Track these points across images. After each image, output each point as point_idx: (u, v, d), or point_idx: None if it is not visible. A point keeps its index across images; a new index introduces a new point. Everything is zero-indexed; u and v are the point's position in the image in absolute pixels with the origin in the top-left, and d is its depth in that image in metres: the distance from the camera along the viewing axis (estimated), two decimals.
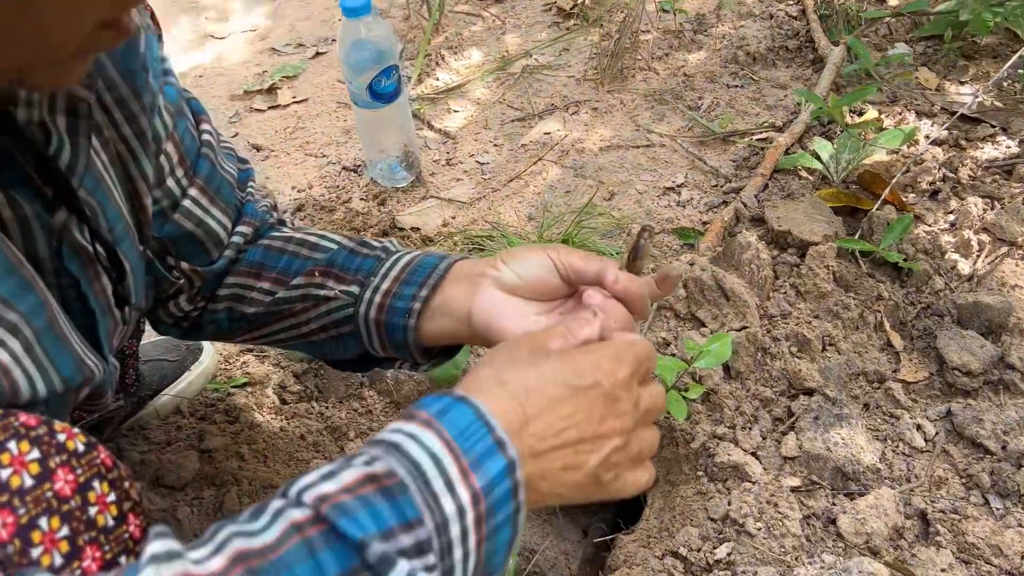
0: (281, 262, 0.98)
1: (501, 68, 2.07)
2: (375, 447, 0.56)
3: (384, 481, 0.52)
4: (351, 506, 0.50)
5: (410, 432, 0.56)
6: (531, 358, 0.65)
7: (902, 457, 1.25)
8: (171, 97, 0.88)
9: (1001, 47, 1.96)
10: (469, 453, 0.56)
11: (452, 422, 0.57)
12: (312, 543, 0.49)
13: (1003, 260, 1.50)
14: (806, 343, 1.35)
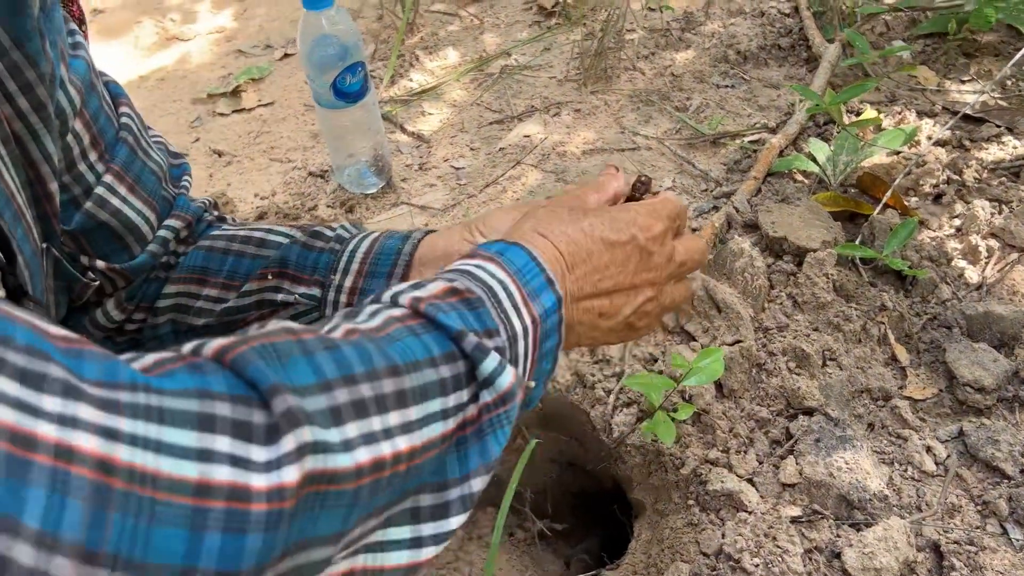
0: (227, 264, 0.87)
1: (478, 68, 1.96)
2: (448, 273, 0.61)
3: (466, 294, 0.58)
4: (445, 307, 0.56)
5: (478, 264, 0.63)
6: (570, 215, 0.70)
7: (911, 483, 1.14)
8: (79, 70, 0.76)
9: (1003, 44, 1.87)
10: (527, 285, 0.63)
11: (511, 261, 0.64)
12: (414, 329, 0.53)
13: (1013, 267, 1.39)
14: (805, 358, 1.24)
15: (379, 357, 0.49)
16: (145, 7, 2.35)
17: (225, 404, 0.40)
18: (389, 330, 0.53)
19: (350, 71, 1.49)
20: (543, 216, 0.70)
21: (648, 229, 0.71)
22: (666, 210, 0.74)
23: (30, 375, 0.35)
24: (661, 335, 0.80)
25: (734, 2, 2.07)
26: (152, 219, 0.85)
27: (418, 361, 0.51)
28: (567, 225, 0.69)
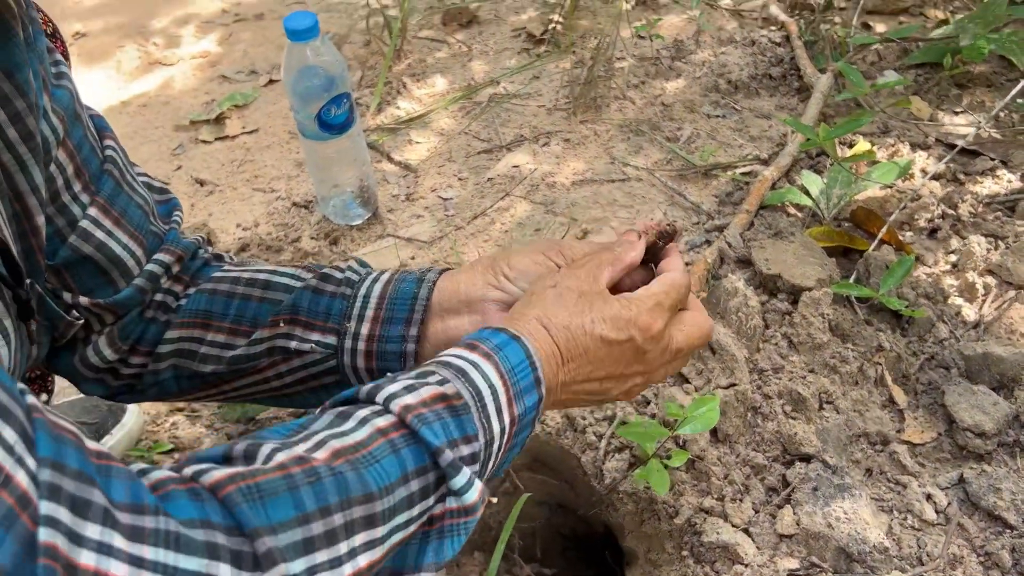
0: (232, 308, 0.85)
1: (467, 97, 1.93)
2: (445, 368, 0.65)
3: (453, 401, 0.63)
4: (430, 418, 0.60)
5: (474, 361, 0.66)
6: (576, 305, 0.73)
7: (912, 532, 1.10)
8: (63, 100, 0.73)
9: (995, 75, 1.85)
10: (516, 385, 0.67)
11: (506, 358, 0.68)
12: (395, 443, 0.59)
13: (1011, 305, 1.37)
14: (801, 401, 1.21)
15: (356, 485, 0.54)
16: (128, 31, 2.31)
17: (223, 535, 0.47)
18: (371, 447, 0.57)
19: (335, 102, 1.45)
20: (550, 303, 0.74)
21: (647, 329, 0.74)
22: (670, 301, 0.77)
23: (79, 503, 0.42)
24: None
25: (724, 31, 2.05)
26: (139, 253, 0.82)
27: (391, 484, 0.57)
28: (571, 317, 0.73)
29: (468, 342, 0.69)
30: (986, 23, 1.42)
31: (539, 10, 2.22)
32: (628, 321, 0.73)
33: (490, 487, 1.09)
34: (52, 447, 0.43)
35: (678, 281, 0.78)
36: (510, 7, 2.25)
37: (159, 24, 2.35)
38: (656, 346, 0.76)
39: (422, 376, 0.64)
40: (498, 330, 0.70)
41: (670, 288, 0.77)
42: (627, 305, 0.74)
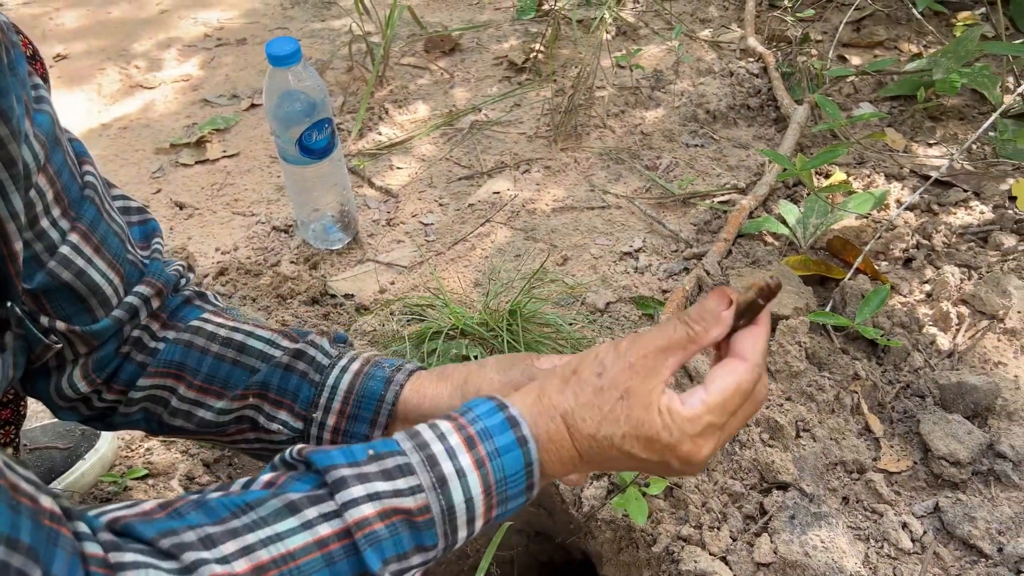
0: (205, 366, 0.86)
1: (448, 123, 1.94)
2: (425, 472, 0.60)
3: (416, 518, 0.59)
4: (381, 535, 0.58)
5: (460, 469, 0.61)
6: (613, 412, 0.64)
7: (888, 560, 1.11)
8: (43, 125, 0.73)
9: (967, 108, 1.89)
10: (501, 494, 0.62)
11: (501, 468, 0.62)
12: (333, 555, 0.57)
13: (984, 335, 1.39)
14: (778, 429, 1.21)
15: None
16: (109, 53, 2.31)
17: None
18: (301, 560, 0.56)
19: (316, 127, 1.45)
20: (585, 401, 0.64)
21: (687, 459, 0.64)
22: (727, 416, 0.65)
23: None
24: None
25: (703, 62, 2.08)
26: (117, 283, 0.82)
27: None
28: (601, 426, 0.63)
29: (469, 430, 0.63)
30: (958, 58, 1.45)
31: (521, 39, 2.24)
32: (666, 447, 0.63)
33: None
34: (9, 521, 0.45)
35: (745, 382, 0.64)
36: (492, 36, 2.27)
37: (141, 47, 2.35)
38: (696, 464, 0.66)
39: (392, 477, 0.60)
40: (510, 421, 0.63)
41: (731, 396, 0.64)
42: (669, 426, 0.63)
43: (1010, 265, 1.51)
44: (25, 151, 0.70)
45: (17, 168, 0.67)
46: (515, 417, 0.64)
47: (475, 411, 0.64)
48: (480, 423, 0.63)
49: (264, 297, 1.51)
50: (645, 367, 0.64)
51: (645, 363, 0.64)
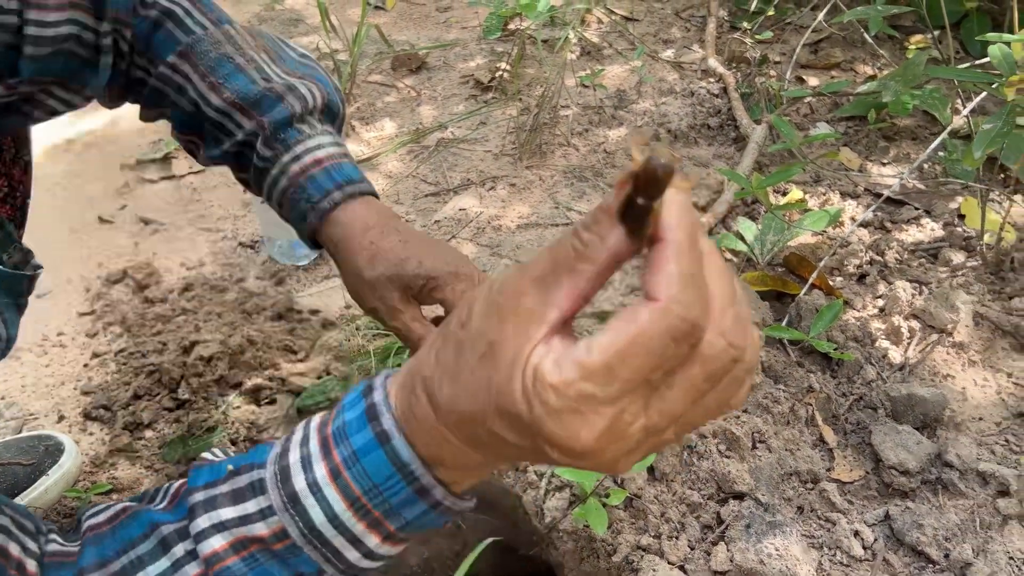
0: (208, 60, 0.88)
1: (415, 140, 1.97)
2: (275, 489, 0.50)
3: (273, 546, 0.50)
4: (237, 571, 0.50)
5: (314, 482, 0.49)
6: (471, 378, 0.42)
7: (840, 568, 1.14)
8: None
9: (920, 129, 1.95)
10: (381, 507, 0.49)
11: (364, 475, 0.48)
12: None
13: (934, 348, 1.43)
14: (735, 441, 1.24)
15: None
16: None
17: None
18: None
19: None
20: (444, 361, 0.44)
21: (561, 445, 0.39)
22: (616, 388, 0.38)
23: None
24: None
25: (665, 82, 2.13)
26: None
27: None
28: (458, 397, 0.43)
29: (324, 435, 0.50)
30: (906, 81, 1.51)
31: (487, 58, 2.27)
32: (528, 427, 0.40)
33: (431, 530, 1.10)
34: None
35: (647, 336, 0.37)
36: (459, 54, 2.30)
37: None
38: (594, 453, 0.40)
39: (242, 499, 0.52)
40: (366, 415, 0.48)
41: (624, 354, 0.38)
42: (530, 396, 0.39)
43: (959, 281, 1.56)
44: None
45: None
46: (376, 406, 0.48)
47: (343, 400, 0.51)
48: (340, 418, 0.50)
49: (229, 312, 1.52)
50: (519, 308, 0.40)
51: (519, 302, 0.40)
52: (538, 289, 0.40)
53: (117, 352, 1.47)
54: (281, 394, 1.35)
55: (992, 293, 1.54)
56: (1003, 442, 1.29)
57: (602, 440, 0.39)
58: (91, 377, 1.44)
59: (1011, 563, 1.14)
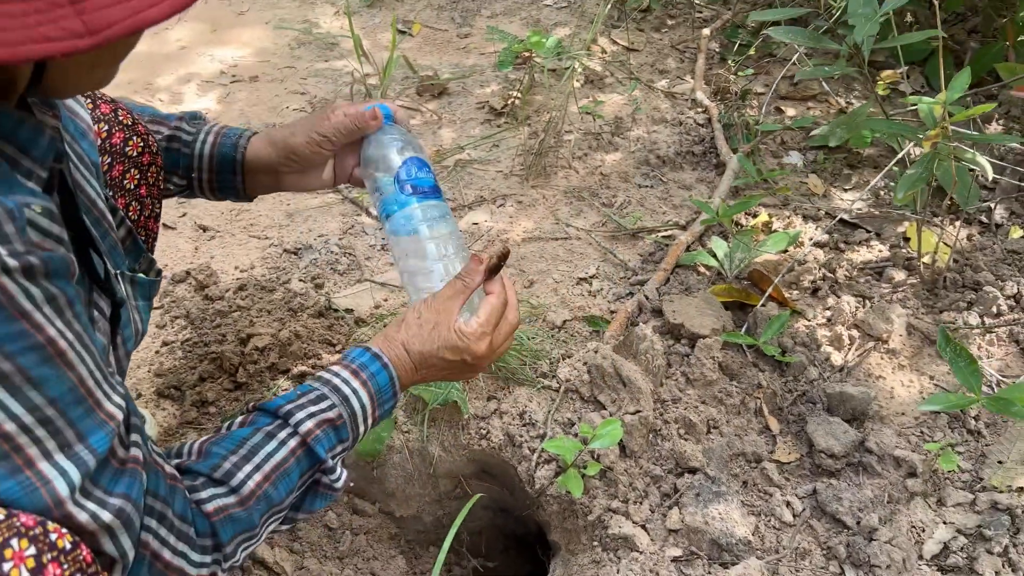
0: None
1: (436, 161, 2.25)
2: (335, 394, 0.99)
3: (336, 422, 0.97)
4: (320, 437, 0.96)
5: (354, 389, 1.01)
6: (430, 336, 1.07)
7: (773, 531, 1.42)
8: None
9: (881, 157, 2.21)
10: (380, 399, 1.03)
11: (377, 383, 1.03)
12: (299, 457, 0.94)
13: (870, 354, 1.70)
14: (692, 426, 1.52)
15: (275, 497, 0.92)
16: (136, 87, 2.60)
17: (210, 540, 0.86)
18: (286, 466, 0.93)
19: (416, 163, 1.25)
20: (413, 332, 1.08)
21: (475, 354, 1.09)
22: (492, 325, 1.10)
23: (159, 515, 0.80)
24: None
25: (658, 111, 2.39)
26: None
27: (293, 485, 0.94)
28: (424, 344, 1.07)
29: (353, 367, 1.02)
30: (849, 128, 1.77)
31: (501, 84, 2.55)
32: (462, 349, 1.08)
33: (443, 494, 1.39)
34: (153, 482, 0.80)
35: (496, 306, 1.11)
36: (476, 80, 2.58)
37: (164, 82, 2.64)
38: (482, 359, 1.10)
39: (319, 401, 0.98)
40: (374, 356, 1.04)
41: (491, 314, 1.10)
42: (462, 337, 1.07)
43: (898, 296, 1.82)
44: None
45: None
46: (378, 353, 1.05)
47: (354, 355, 1.05)
48: (359, 360, 1.04)
49: (278, 310, 1.81)
50: (443, 308, 1.08)
51: (443, 305, 1.09)
52: (449, 301, 1.09)
53: (183, 341, 1.77)
54: None
55: (926, 307, 1.80)
56: (918, 433, 1.55)
57: (485, 349, 1.10)
58: (162, 362, 1.73)
59: (912, 530, 1.41)
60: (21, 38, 0.60)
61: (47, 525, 0.66)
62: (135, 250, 1.12)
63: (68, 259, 0.73)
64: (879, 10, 1.55)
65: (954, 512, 1.42)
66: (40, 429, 0.68)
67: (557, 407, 1.56)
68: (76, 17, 0.61)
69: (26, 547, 0.63)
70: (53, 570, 0.64)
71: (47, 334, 0.68)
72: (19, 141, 0.75)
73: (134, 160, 1.21)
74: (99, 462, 0.73)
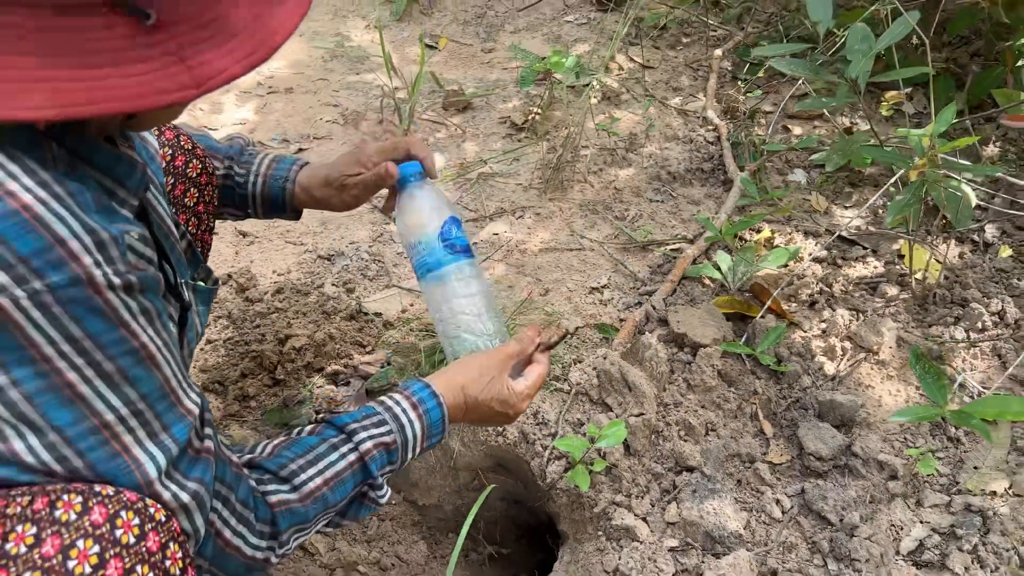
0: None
1: (460, 174, 2.39)
2: (394, 421, 1.13)
3: (391, 446, 1.12)
4: (376, 457, 1.10)
5: (410, 419, 1.15)
6: (486, 387, 1.23)
7: (763, 526, 1.55)
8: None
9: (882, 176, 2.33)
10: (429, 432, 1.17)
11: (430, 418, 1.17)
12: (355, 471, 1.08)
13: (860, 364, 1.83)
14: (691, 428, 1.65)
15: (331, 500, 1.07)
16: None
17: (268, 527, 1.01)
18: (343, 476, 1.08)
19: (454, 223, 1.38)
20: (472, 380, 1.23)
21: (517, 409, 1.28)
22: (535, 390, 1.32)
23: (224, 499, 0.93)
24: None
25: (670, 128, 2.52)
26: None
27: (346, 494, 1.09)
28: (479, 393, 1.23)
29: (413, 400, 1.17)
30: (845, 154, 1.89)
31: (522, 100, 2.69)
32: (509, 404, 1.26)
33: (462, 485, 1.54)
34: (222, 470, 0.94)
35: (543, 374, 1.33)
36: (499, 96, 2.72)
37: None
38: (519, 413, 1.30)
39: (379, 425, 1.13)
40: (432, 394, 1.19)
41: (538, 382, 1.31)
42: (511, 395, 1.26)
43: (890, 310, 1.95)
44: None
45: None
46: (436, 392, 1.19)
47: (415, 388, 1.19)
48: (419, 395, 1.18)
49: (312, 312, 1.96)
50: (500, 365, 1.26)
51: (500, 363, 1.26)
52: (506, 360, 1.29)
53: (226, 340, 1.92)
54: (354, 378, 1.79)
55: (916, 321, 1.93)
56: (901, 439, 1.68)
57: (524, 407, 1.30)
58: (207, 359, 1.89)
59: (891, 528, 1.54)
60: (142, 91, 0.75)
61: (147, 500, 0.81)
62: (194, 261, 1.28)
63: (157, 277, 0.89)
64: (875, 46, 1.67)
65: (930, 512, 1.55)
66: (133, 420, 0.83)
67: (568, 408, 1.70)
68: (187, 72, 0.77)
69: (132, 518, 0.78)
70: (153, 537, 0.79)
71: (141, 340, 0.83)
72: (116, 175, 0.90)
73: (193, 180, 1.37)
74: (180, 450, 0.88)
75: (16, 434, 0.78)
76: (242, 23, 0.81)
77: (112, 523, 0.76)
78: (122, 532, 0.77)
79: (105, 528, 0.76)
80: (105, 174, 0.89)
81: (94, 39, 0.74)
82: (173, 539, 0.82)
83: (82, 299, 0.77)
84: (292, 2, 0.85)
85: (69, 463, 0.80)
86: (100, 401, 0.80)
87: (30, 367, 0.76)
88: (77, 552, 0.73)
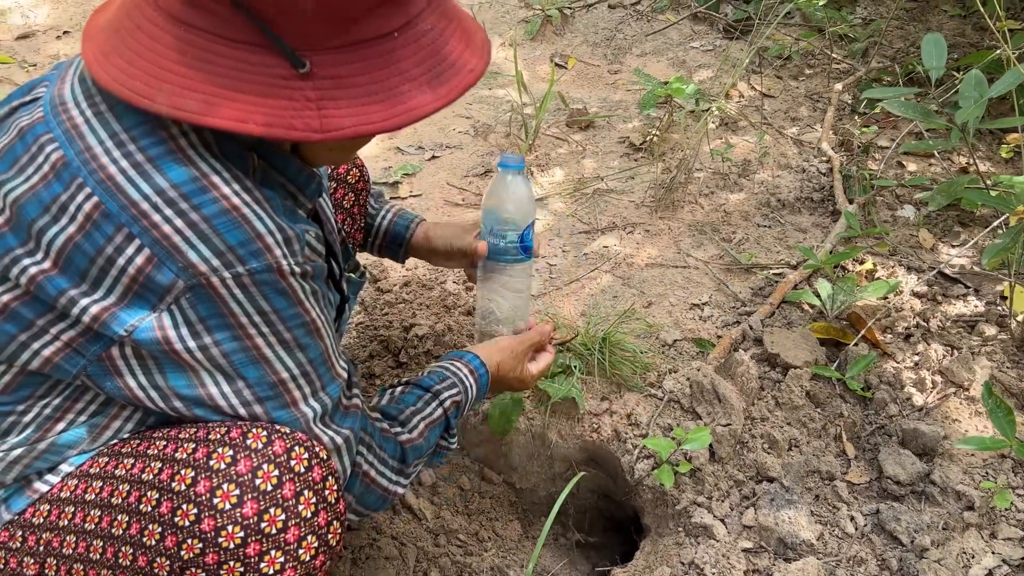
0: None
1: (577, 189, 2.56)
2: (461, 384, 1.40)
3: (460, 404, 1.39)
4: (453, 411, 1.37)
5: (470, 384, 1.42)
6: (514, 364, 1.53)
7: (835, 539, 1.65)
8: None
9: (993, 217, 2.36)
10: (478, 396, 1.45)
11: (480, 383, 1.44)
12: (440, 423, 1.35)
13: (950, 399, 1.89)
14: (775, 443, 1.77)
15: (431, 440, 1.35)
16: None
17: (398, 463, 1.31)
18: (437, 423, 1.36)
19: (532, 227, 1.55)
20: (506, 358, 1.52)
21: (527, 386, 1.61)
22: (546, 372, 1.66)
23: (381, 459, 1.26)
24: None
25: (785, 156, 2.62)
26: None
27: (435, 438, 1.36)
28: (509, 370, 1.52)
29: (470, 367, 1.44)
30: (949, 196, 1.96)
31: (642, 122, 2.83)
32: (523, 382, 1.58)
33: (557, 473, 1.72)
34: (369, 426, 1.21)
35: (550, 362, 1.65)
36: (620, 116, 2.88)
37: None
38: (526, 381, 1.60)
39: (452, 387, 1.39)
40: (482, 363, 1.46)
41: (544, 368, 1.62)
42: (526, 376, 1.57)
43: (986, 349, 2.00)
44: None
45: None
46: (485, 362, 1.46)
47: (469, 358, 1.46)
48: (472, 363, 1.45)
49: (435, 306, 2.17)
50: (524, 353, 1.57)
51: (525, 351, 1.57)
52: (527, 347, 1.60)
53: (357, 324, 2.15)
54: None
55: (1011, 362, 1.97)
56: (983, 473, 1.74)
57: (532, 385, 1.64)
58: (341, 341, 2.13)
59: (962, 555, 1.62)
60: (276, 123, 0.93)
61: (291, 453, 1.00)
62: (346, 255, 1.50)
63: (323, 267, 1.10)
64: (986, 93, 1.75)
65: (1003, 544, 1.62)
66: (301, 379, 1.04)
67: (660, 413, 1.85)
68: (317, 118, 0.93)
69: (302, 452, 0.99)
70: (317, 470, 1.00)
71: (311, 316, 1.04)
72: (298, 183, 1.11)
73: (352, 185, 1.59)
74: (333, 405, 1.09)
75: (213, 381, 1.00)
76: (393, 91, 0.94)
77: (288, 454, 0.97)
78: (295, 462, 0.97)
79: (284, 457, 0.97)
80: (290, 181, 1.10)
81: (255, 72, 0.91)
82: (331, 474, 1.02)
83: (272, 282, 0.98)
84: (445, 88, 0.98)
85: (251, 408, 1.02)
86: (279, 362, 1.02)
87: (228, 331, 0.98)
88: (263, 473, 0.95)
